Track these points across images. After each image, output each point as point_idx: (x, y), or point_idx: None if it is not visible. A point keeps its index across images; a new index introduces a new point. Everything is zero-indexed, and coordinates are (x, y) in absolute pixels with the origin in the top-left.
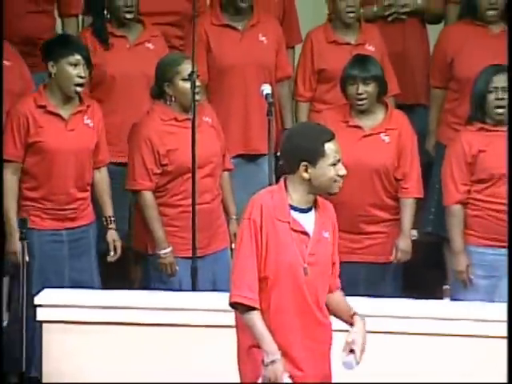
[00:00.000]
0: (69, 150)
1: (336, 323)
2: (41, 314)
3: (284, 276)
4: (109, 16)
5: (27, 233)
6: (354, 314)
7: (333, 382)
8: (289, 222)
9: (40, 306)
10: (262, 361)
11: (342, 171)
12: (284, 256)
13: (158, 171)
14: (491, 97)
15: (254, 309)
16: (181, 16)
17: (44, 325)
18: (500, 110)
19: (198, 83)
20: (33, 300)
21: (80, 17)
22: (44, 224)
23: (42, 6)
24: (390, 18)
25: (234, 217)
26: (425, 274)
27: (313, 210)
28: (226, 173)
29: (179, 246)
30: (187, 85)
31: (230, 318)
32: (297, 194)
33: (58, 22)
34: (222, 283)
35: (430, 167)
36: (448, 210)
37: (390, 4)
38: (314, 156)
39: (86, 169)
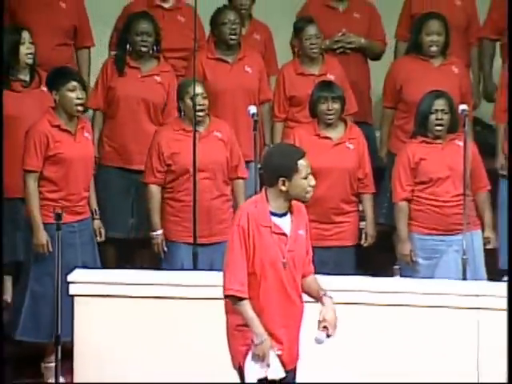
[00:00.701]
0: (79, 158)
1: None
2: (72, 289)
3: (268, 271)
4: (130, 49)
5: (47, 226)
6: (324, 294)
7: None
8: (270, 227)
9: (72, 282)
10: (252, 341)
11: (313, 182)
12: (267, 255)
13: (162, 169)
14: (433, 117)
15: (243, 299)
16: (188, 52)
17: (75, 298)
18: (439, 128)
19: (202, 102)
20: (58, 277)
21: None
22: (66, 219)
23: (65, 40)
24: (337, 51)
25: None
26: (379, 256)
27: (289, 214)
28: (239, 180)
29: (182, 233)
30: (192, 102)
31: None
32: (276, 203)
33: None
34: (219, 268)
35: (381, 171)
36: (396, 206)
37: (339, 40)
38: (289, 172)
39: (89, 172)
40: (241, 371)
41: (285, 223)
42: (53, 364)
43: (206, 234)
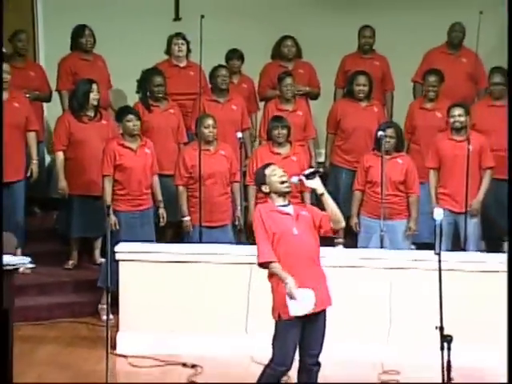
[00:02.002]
0: (138, 167)
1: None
2: (118, 256)
3: (282, 239)
4: (149, 94)
5: (116, 213)
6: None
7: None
8: (277, 211)
9: (118, 252)
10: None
11: (282, 177)
12: (279, 228)
13: (186, 175)
14: (384, 140)
15: (273, 262)
16: (195, 95)
17: (120, 263)
18: (387, 145)
19: (212, 131)
20: (109, 248)
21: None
22: (127, 208)
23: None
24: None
25: (239, 208)
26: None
27: (291, 205)
28: (236, 183)
29: (197, 219)
30: (206, 130)
31: (222, 258)
32: (274, 200)
33: None
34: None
35: (326, 175)
36: (353, 194)
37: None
38: (263, 179)
39: (148, 176)
40: (276, 323)
41: (288, 209)
42: (105, 306)
43: (214, 219)
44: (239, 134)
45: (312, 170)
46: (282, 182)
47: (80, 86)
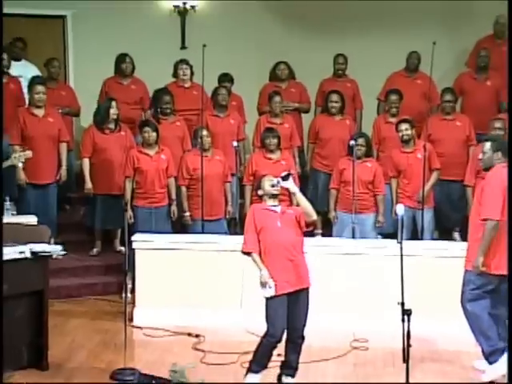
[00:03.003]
0: (153, 170)
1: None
2: (135, 244)
3: (268, 230)
4: (159, 110)
5: (134, 208)
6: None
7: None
8: (267, 209)
9: (134, 241)
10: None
11: (271, 182)
12: (266, 222)
13: (187, 177)
14: (355, 148)
15: (252, 252)
16: (198, 111)
17: (136, 250)
18: (358, 152)
19: (208, 140)
20: (126, 237)
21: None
22: (143, 204)
23: (135, 105)
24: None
25: (230, 203)
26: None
27: (279, 206)
28: (228, 183)
29: (198, 213)
30: (203, 139)
31: (221, 246)
32: (266, 201)
33: None
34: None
35: (307, 178)
36: (330, 192)
37: (284, 105)
38: (258, 185)
39: (163, 178)
40: (266, 302)
41: (276, 208)
42: (123, 286)
43: (212, 214)
44: (235, 143)
45: (286, 173)
46: (272, 186)
47: (103, 104)
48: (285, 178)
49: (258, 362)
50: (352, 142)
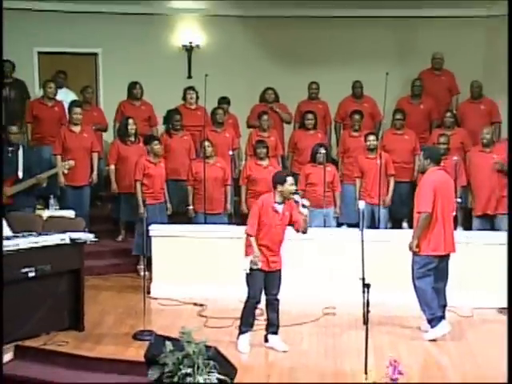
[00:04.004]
0: (157, 176)
1: None
2: (151, 232)
3: (266, 227)
4: (171, 126)
5: (146, 205)
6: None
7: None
8: (272, 207)
9: (152, 230)
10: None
11: (293, 188)
12: (268, 220)
13: (192, 179)
14: (318, 154)
15: (252, 236)
16: (201, 127)
17: (153, 238)
18: (320, 159)
19: (210, 149)
20: (145, 228)
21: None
22: (151, 202)
23: (146, 122)
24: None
25: (228, 201)
26: None
27: (283, 204)
28: (227, 186)
29: (200, 208)
30: (205, 149)
31: (220, 234)
32: (277, 197)
33: None
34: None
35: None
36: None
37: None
38: (282, 182)
39: (162, 182)
40: (248, 273)
41: (280, 207)
42: (142, 266)
43: (212, 209)
44: (231, 152)
45: (307, 202)
46: (291, 193)
47: (122, 122)
48: (304, 206)
49: (245, 322)
50: (317, 150)
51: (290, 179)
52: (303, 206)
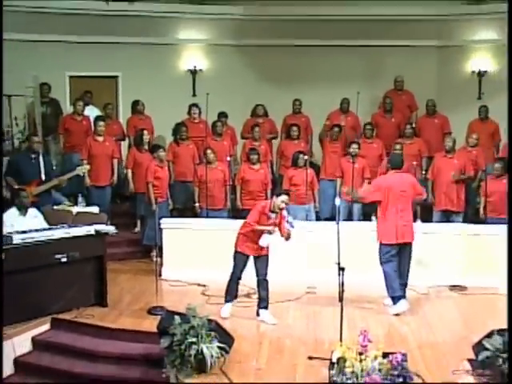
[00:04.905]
0: (164, 178)
1: None
2: (163, 225)
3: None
4: (178, 137)
5: (157, 203)
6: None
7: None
8: (268, 217)
9: (163, 223)
10: (268, 231)
11: (282, 204)
12: (261, 221)
13: (197, 180)
14: (299, 160)
15: (255, 225)
16: (204, 137)
17: (164, 230)
18: (301, 164)
19: (212, 155)
20: (156, 221)
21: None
22: (159, 200)
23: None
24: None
25: (228, 198)
26: None
27: (275, 213)
28: (227, 186)
29: (204, 204)
30: (207, 156)
31: (221, 227)
32: (272, 207)
33: None
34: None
35: (275, 181)
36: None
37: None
38: (278, 194)
39: (167, 183)
40: (235, 254)
41: (272, 215)
42: (154, 253)
43: (214, 205)
44: (228, 158)
45: (291, 225)
46: (279, 208)
47: (137, 133)
48: (293, 226)
49: (229, 294)
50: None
51: (283, 197)
52: (287, 221)
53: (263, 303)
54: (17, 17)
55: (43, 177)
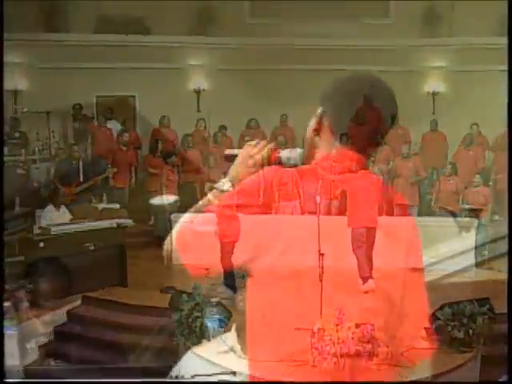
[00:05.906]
0: (173, 180)
1: None
2: (173, 219)
3: None
4: (186, 145)
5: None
6: None
7: None
8: None
9: (172, 217)
10: None
11: None
12: None
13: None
14: (287, 164)
15: None
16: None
17: (174, 223)
18: (290, 163)
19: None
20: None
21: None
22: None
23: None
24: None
25: None
26: None
27: None
28: None
29: None
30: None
31: None
32: None
33: None
34: None
35: None
36: None
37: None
38: None
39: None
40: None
41: None
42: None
43: None
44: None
45: None
46: None
47: (153, 143)
48: None
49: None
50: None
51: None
52: None
53: None
54: (54, 48)
55: (81, 178)
